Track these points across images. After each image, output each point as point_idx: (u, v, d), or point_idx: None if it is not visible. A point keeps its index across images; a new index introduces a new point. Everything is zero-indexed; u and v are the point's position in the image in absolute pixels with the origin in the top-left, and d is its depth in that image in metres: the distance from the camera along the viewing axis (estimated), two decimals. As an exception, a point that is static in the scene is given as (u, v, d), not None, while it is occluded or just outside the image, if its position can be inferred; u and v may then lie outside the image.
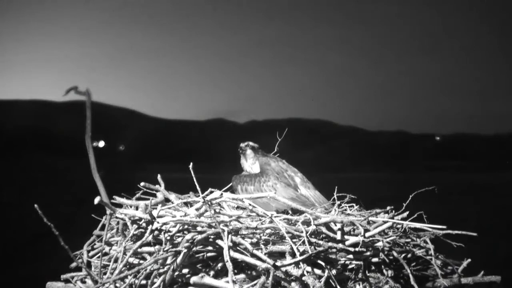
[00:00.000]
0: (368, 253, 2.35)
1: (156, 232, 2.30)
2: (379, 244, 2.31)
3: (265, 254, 2.21)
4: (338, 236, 2.30)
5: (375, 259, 2.37)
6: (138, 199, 2.69)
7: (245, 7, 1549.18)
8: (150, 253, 2.35)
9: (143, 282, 2.25)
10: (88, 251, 2.65)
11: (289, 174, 3.01)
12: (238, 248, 2.24)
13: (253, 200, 2.60)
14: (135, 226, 2.36)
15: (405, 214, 2.54)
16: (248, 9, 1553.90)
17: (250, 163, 3.13)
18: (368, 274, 2.35)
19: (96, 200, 2.39)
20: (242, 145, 3.20)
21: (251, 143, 3.19)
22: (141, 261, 2.39)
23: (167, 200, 2.66)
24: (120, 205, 2.62)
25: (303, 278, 2.17)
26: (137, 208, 2.45)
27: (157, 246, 2.29)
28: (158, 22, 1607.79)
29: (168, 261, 2.26)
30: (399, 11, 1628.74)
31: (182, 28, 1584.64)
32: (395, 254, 2.34)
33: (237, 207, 2.68)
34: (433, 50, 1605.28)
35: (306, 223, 2.34)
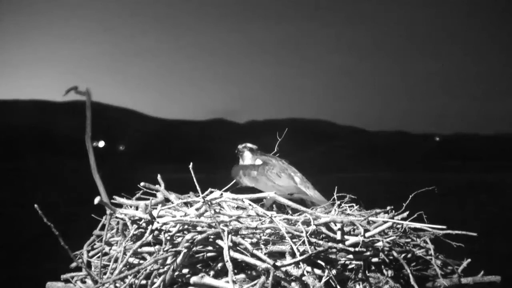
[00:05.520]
0: (368, 253, 2.35)
1: (156, 232, 2.30)
2: (379, 244, 2.32)
3: (265, 254, 2.21)
4: (338, 236, 2.30)
5: (375, 259, 2.37)
6: (138, 199, 2.69)
7: (245, 7, 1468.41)
8: (150, 253, 2.35)
9: (143, 282, 2.25)
10: (88, 251, 2.64)
11: (289, 173, 3.02)
12: (238, 248, 2.24)
13: (256, 180, 2.61)
14: (135, 226, 2.37)
15: (405, 214, 2.54)
16: (248, 9, 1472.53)
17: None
18: (368, 274, 2.35)
19: (96, 200, 2.39)
20: (239, 146, 3.19)
21: (248, 145, 3.18)
22: (141, 261, 2.39)
23: (167, 200, 2.67)
24: (120, 205, 2.62)
25: (303, 278, 2.17)
26: (137, 208, 2.46)
27: (157, 246, 2.29)
28: (159, 22, 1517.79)
29: (168, 261, 2.26)
30: (400, 12, 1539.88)
31: (182, 28, 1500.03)
32: (395, 254, 2.34)
33: (237, 207, 2.69)
34: (433, 50, 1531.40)
35: (306, 223, 2.34)
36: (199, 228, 2.32)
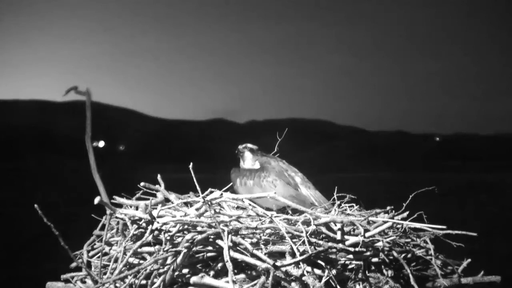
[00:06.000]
0: (368, 253, 2.35)
1: (156, 232, 2.31)
2: (379, 244, 2.32)
3: (265, 254, 2.21)
4: (338, 236, 2.30)
5: (375, 259, 2.37)
6: (138, 199, 2.69)
7: (245, 7, 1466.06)
8: (150, 253, 2.35)
9: (143, 282, 2.25)
10: (88, 251, 2.65)
11: (289, 173, 3.01)
12: (238, 248, 2.25)
13: (252, 191, 2.62)
14: (135, 226, 2.37)
15: (405, 214, 2.54)
16: (248, 9, 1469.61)
17: (250, 164, 3.13)
18: (368, 274, 2.35)
19: (96, 200, 2.39)
20: (240, 147, 3.18)
21: (249, 145, 3.18)
22: (141, 261, 2.39)
23: (167, 200, 2.67)
24: (120, 205, 2.62)
25: (303, 278, 2.17)
26: (137, 208, 2.46)
27: (157, 246, 2.29)
28: (159, 22, 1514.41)
29: (168, 261, 2.26)
30: (400, 12, 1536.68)
31: (182, 28, 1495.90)
32: (395, 254, 2.34)
33: (237, 207, 2.69)
34: (433, 50, 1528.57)
35: (306, 223, 2.34)
36: (199, 228, 2.32)
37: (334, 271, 2.25)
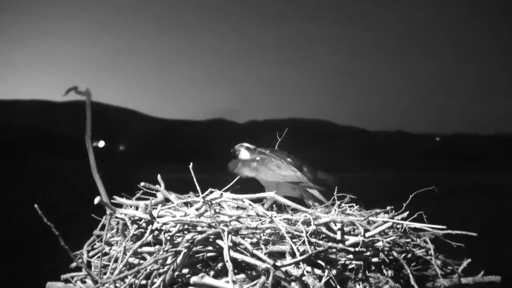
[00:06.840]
0: (368, 253, 2.35)
1: (156, 232, 2.31)
2: (379, 244, 2.32)
3: (265, 254, 2.21)
4: (338, 236, 2.30)
5: (375, 259, 2.37)
6: (138, 199, 2.69)
7: (245, 7, 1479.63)
8: (150, 253, 2.35)
9: (143, 282, 2.25)
10: (88, 251, 2.65)
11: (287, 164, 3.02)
12: (238, 248, 2.25)
13: (256, 169, 2.68)
14: (135, 226, 2.37)
15: (405, 214, 2.54)
16: (248, 9, 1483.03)
17: (248, 163, 3.12)
18: (368, 274, 2.35)
19: (96, 200, 2.39)
20: (236, 146, 3.17)
21: (245, 144, 3.16)
22: (141, 261, 2.39)
23: (167, 200, 2.66)
24: (120, 205, 2.62)
25: (303, 278, 2.17)
26: (137, 208, 2.46)
27: (157, 246, 2.29)
28: (159, 22, 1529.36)
29: (168, 261, 2.26)
30: (400, 12, 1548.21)
31: (182, 28, 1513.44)
32: (395, 254, 2.34)
33: (237, 207, 2.69)
34: (433, 50, 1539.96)
35: (306, 223, 2.34)
36: (199, 228, 2.32)
37: (334, 271, 2.25)
